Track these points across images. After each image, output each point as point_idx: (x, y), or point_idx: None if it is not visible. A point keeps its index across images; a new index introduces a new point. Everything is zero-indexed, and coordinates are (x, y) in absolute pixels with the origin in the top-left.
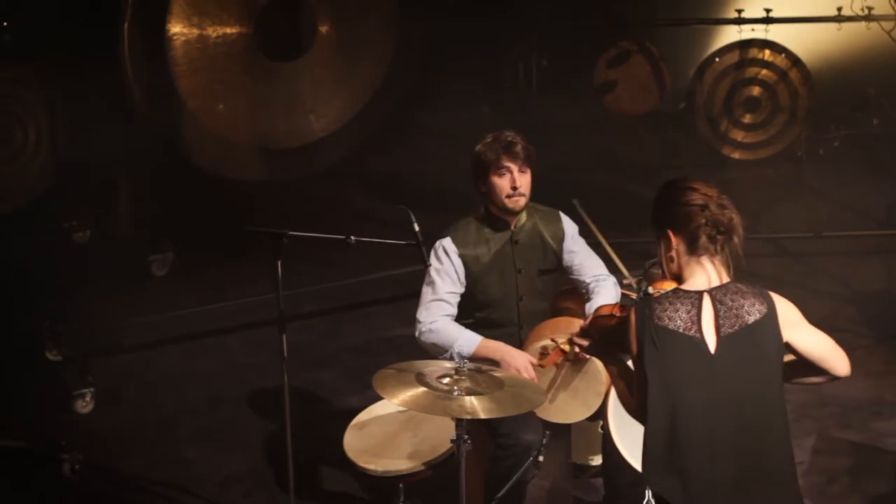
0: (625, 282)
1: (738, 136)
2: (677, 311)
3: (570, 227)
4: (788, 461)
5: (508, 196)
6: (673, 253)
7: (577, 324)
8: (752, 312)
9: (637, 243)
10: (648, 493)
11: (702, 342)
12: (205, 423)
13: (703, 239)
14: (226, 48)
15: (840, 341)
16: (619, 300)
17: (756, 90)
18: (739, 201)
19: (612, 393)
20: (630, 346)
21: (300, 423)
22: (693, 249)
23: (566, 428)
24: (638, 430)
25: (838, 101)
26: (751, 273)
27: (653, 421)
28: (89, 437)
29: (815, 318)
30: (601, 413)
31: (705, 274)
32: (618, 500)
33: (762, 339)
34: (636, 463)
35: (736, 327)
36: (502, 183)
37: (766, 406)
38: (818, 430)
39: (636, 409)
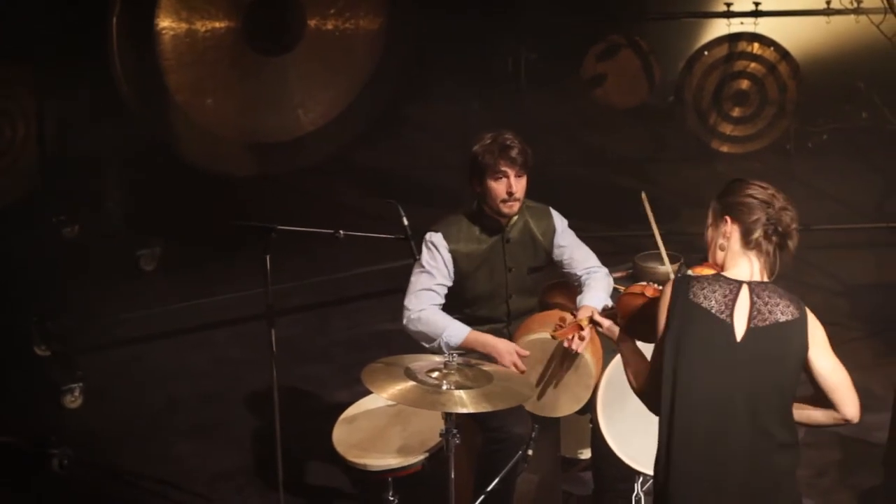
0: (614, 276)
1: (727, 129)
2: (714, 292)
3: (560, 222)
4: (790, 457)
5: (504, 201)
6: (725, 241)
7: (566, 318)
8: (786, 313)
9: (626, 237)
10: (638, 487)
11: (730, 328)
12: (194, 419)
13: (759, 234)
14: (214, 43)
15: (830, 334)
16: (611, 291)
17: (745, 83)
18: None
19: (601, 386)
20: (658, 321)
21: (289, 417)
22: (746, 242)
23: (555, 422)
24: (627, 423)
25: (827, 94)
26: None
27: (664, 400)
28: (78, 432)
29: None
30: (590, 407)
31: (749, 267)
32: (607, 494)
33: (788, 340)
34: (625, 456)
35: (767, 322)
36: (498, 188)
37: (771, 407)
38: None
39: (646, 391)
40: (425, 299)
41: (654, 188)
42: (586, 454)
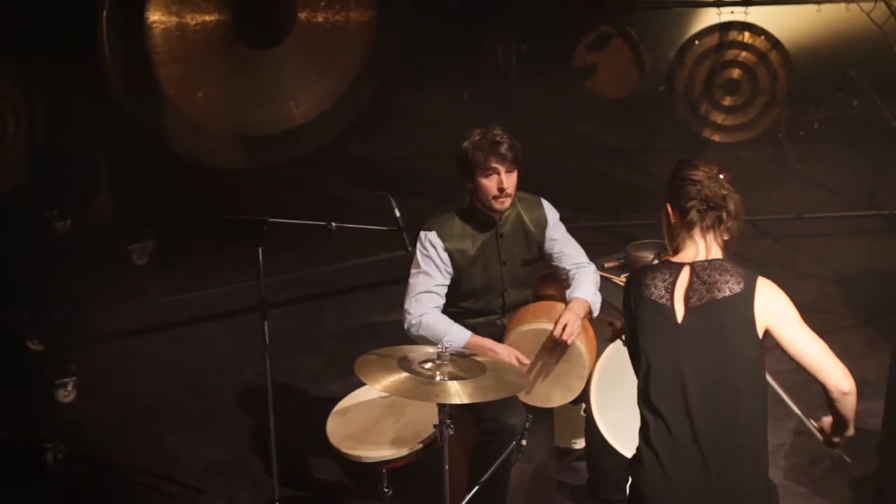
0: (607, 265)
1: (719, 118)
2: (655, 279)
3: (552, 214)
4: (754, 438)
5: (495, 197)
6: (670, 226)
7: (559, 308)
8: (724, 290)
9: (618, 226)
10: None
11: (670, 311)
12: (187, 412)
13: (693, 213)
14: (205, 36)
15: (822, 322)
16: (598, 286)
17: (736, 72)
18: None
19: (595, 376)
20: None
21: (283, 410)
22: (684, 223)
23: (549, 412)
24: (620, 412)
25: (818, 82)
26: (732, 255)
27: (638, 388)
28: (72, 426)
29: (798, 301)
30: (584, 397)
31: (695, 248)
32: (601, 483)
33: (726, 316)
34: (619, 446)
35: (703, 300)
36: (489, 184)
37: (727, 383)
38: (800, 411)
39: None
40: (427, 302)
41: (645, 178)
42: (580, 444)
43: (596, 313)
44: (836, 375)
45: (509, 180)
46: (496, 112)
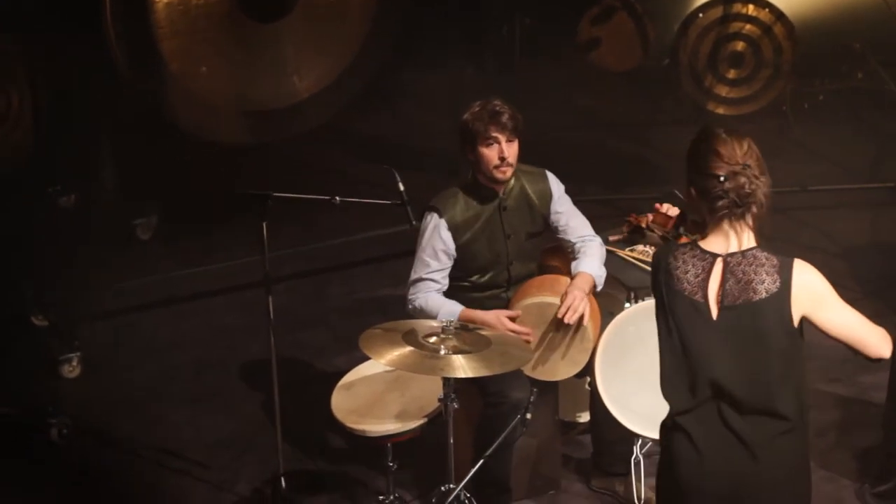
0: (612, 239)
1: (723, 91)
2: (687, 272)
3: (556, 186)
4: (793, 421)
5: (496, 167)
6: (697, 211)
7: (563, 281)
8: (760, 291)
9: (622, 200)
10: (636, 449)
11: (704, 307)
12: (192, 387)
13: (722, 209)
14: (208, 10)
15: None
16: (604, 260)
17: (740, 45)
18: None
19: (600, 350)
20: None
21: (287, 384)
22: (713, 214)
23: (553, 385)
24: (624, 386)
25: (823, 55)
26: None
27: (662, 373)
28: (76, 401)
29: None
30: (588, 370)
31: (725, 237)
32: (605, 457)
33: (764, 319)
34: (623, 419)
35: (739, 301)
36: (490, 154)
37: (764, 373)
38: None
39: None
40: (421, 289)
41: (649, 151)
42: (585, 417)
43: (600, 287)
44: (874, 346)
45: (510, 150)
46: (500, 86)
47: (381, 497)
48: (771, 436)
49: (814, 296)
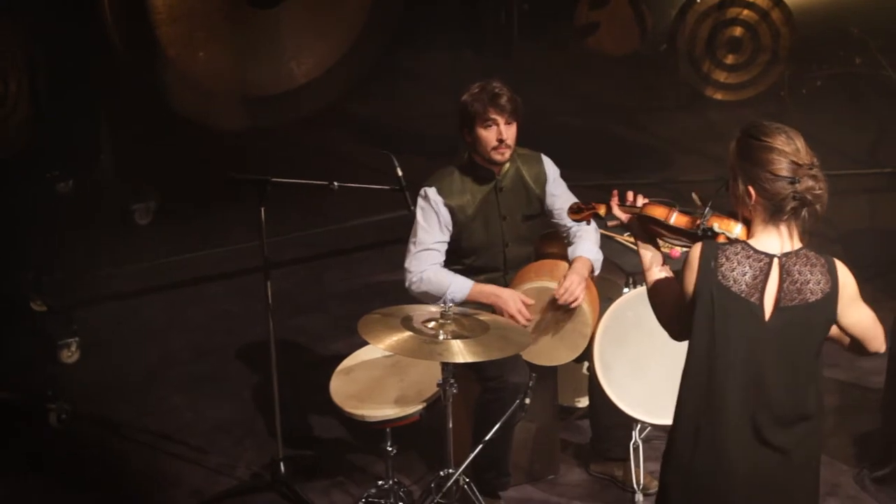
0: (610, 224)
1: (721, 76)
2: (744, 274)
3: (552, 169)
4: (818, 424)
5: (494, 148)
6: (751, 210)
7: (562, 266)
8: (816, 292)
9: (619, 185)
10: (635, 434)
11: (759, 308)
12: (191, 372)
13: (788, 211)
14: None
15: None
16: (598, 243)
17: (738, 30)
18: (722, 143)
19: (598, 334)
20: (685, 283)
21: (286, 369)
22: (775, 216)
23: (552, 370)
24: (624, 371)
25: (820, 40)
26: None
27: (690, 376)
28: (75, 386)
29: None
30: (587, 355)
31: (779, 237)
32: (604, 442)
33: (817, 318)
34: (622, 404)
35: (795, 302)
36: (488, 135)
37: (803, 377)
38: None
39: (675, 328)
40: (426, 260)
41: (647, 136)
42: (584, 402)
43: (598, 271)
44: (878, 341)
45: (508, 132)
46: (498, 70)
47: (380, 482)
48: (801, 436)
49: (851, 294)
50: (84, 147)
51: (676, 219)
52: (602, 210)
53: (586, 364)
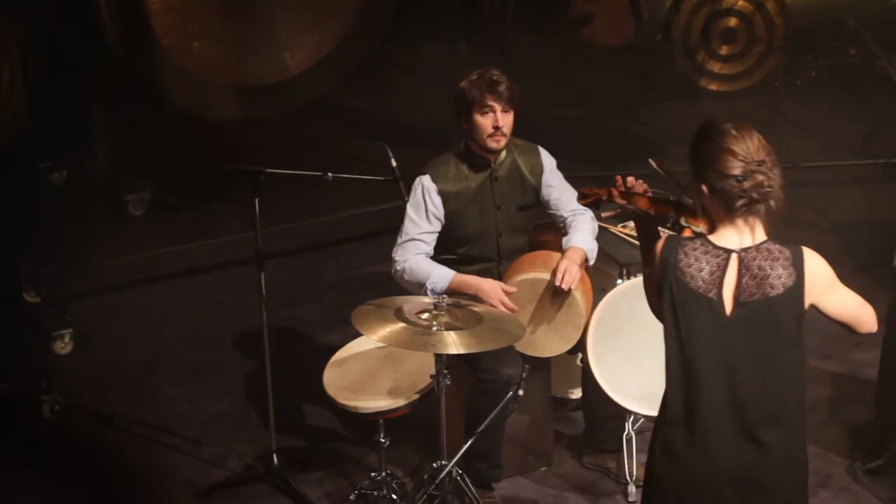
0: (604, 215)
1: (716, 67)
2: (701, 270)
3: (548, 161)
4: (798, 420)
5: (490, 135)
6: (708, 206)
7: (555, 258)
8: (777, 286)
9: (614, 176)
10: (628, 426)
11: (719, 304)
12: (185, 363)
13: (741, 208)
14: None
15: None
16: (595, 234)
17: (733, 21)
18: None
19: (592, 326)
20: (654, 276)
21: (280, 360)
22: (729, 212)
23: (546, 362)
24: (616, 362)
25: (815, 31)
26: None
27: (669, 369)
28: (69, 377)
29: None
30: (580, 346)
31: (738, 232)
32: (597, 433)
33: (781, 313)
34: (615, 395)
35: (755, 297)
36: (485, 122)
37: (778, 370)
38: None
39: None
40: (410, 250)
41: (642, 127)
42: (577, 394)
43: (592, 261)
44: (868, 322)
45: (505, 120)
46: (492, 62)
47: (373, 473)
48: (782, 431)
49: (823, 283)
50: (78, 138)
51: (655, 209)
52: (604, 195)
53: (580, 355)
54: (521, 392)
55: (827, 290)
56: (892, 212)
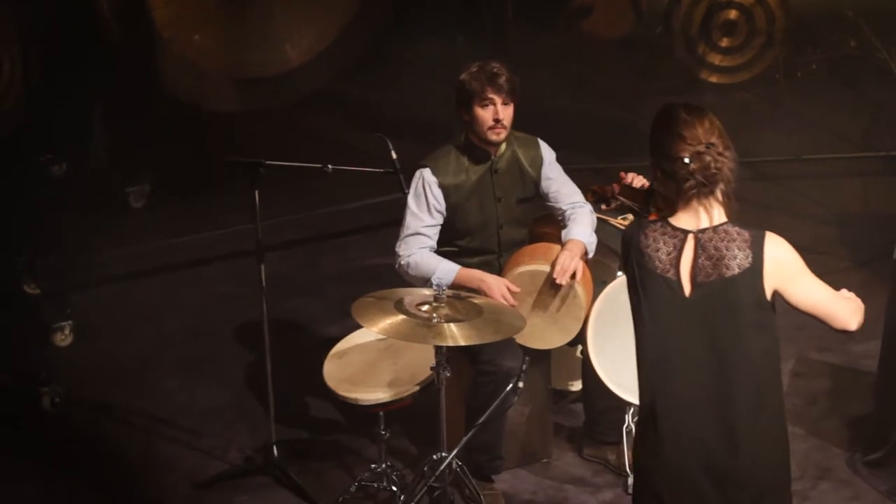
0: (604, 207)
1: (716, 59)
2: (658, 250)
3: (548, 153)
4: (769, 408)
5: (490, 128)
6: (663, 189)
7: (555, 250)
8: (733, 266)
9: (615, 169)
10: (628, 418)
11: (677, 285)
12: (185, 355)
13: (690, 190)
14: None
15: (819, 264)
16: (594, 227)
17: (733, 13)
18: None
19: (592, 318)
20: (622, 261)
21: (280, 353)
22: (681, 194)
23: (546, 354)
24: (616, 354)
25: (815, 23)
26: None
27: (637, 354)
28: (69, 369)
29: (795, 242)
30: (580, 338)
31: (696, 214)
32: (597, 425)
33: (737, 294)
34: (615, 388)
35: (712, 277)
36: (485, 114)
37: (740, 355)
38: (797, 353)
39: None
40: (414, 244)
41: (641, 120)
42: (577, 386)
43: (592, 254)
44: (842, 320)
45: (505, 112)
46: (491, 54)
47: (372, 465)
48: (746, 416)
49: (785, 270)
50: (78, 130)
51: (633, 198)
52: (610, 192)
53: (580, 347)
54: (521, 384)
55: (792, 278)
56: (892, 205)
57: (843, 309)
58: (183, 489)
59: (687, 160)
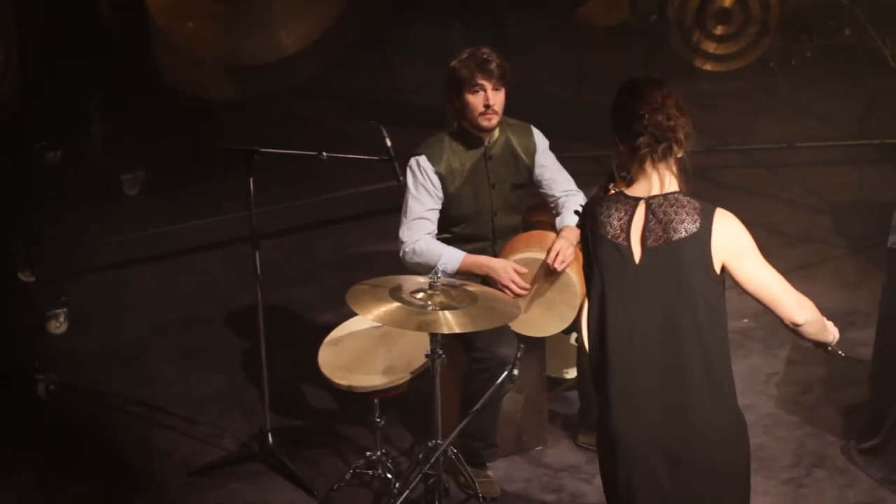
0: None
1: (710, 47)
2: (611, 217)
3: (541, 140)
4: (718, 373)
5: (481, 114)
6: (622, 159)
7: (550, 237)
8: (680, 230)
9: (608, 156)
10: None
11: (628, 250)
12: (180, 342)
13: (642, 147)
14: None
15: (814, 252)
16: None
17: (728, 1)
18: (712, 113)
19: (586, 305)
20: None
21: (275, 340)
22: (635, 157)
23: (541, 341)
24: None
25: (810, 11)
26: (725, 185)
27: (588, 324)
28: (64, 357)
29: (790, 230)
30: (575, 326)
31: (648, 182)
32: (592, 412)
33: (684, 258)
34: None
35: (660, 241)
36: (476, 100)
37: (689, 323)
38: (792, 340)
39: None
40: (418, 229)
41: None
42: (572, 373)
43: None
44: (789, 309)
45: (496, 98)
46: (487, 42)
47: (367, 452)
48: (693, 391)
49: (734, 245)
50: (73, 117)
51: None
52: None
53: (574, 335)
54: (515, 372)
55: (740, 256)
56: (886, 193)
57: (791, 299)
58: (178, 476)
59: (641, 114)
